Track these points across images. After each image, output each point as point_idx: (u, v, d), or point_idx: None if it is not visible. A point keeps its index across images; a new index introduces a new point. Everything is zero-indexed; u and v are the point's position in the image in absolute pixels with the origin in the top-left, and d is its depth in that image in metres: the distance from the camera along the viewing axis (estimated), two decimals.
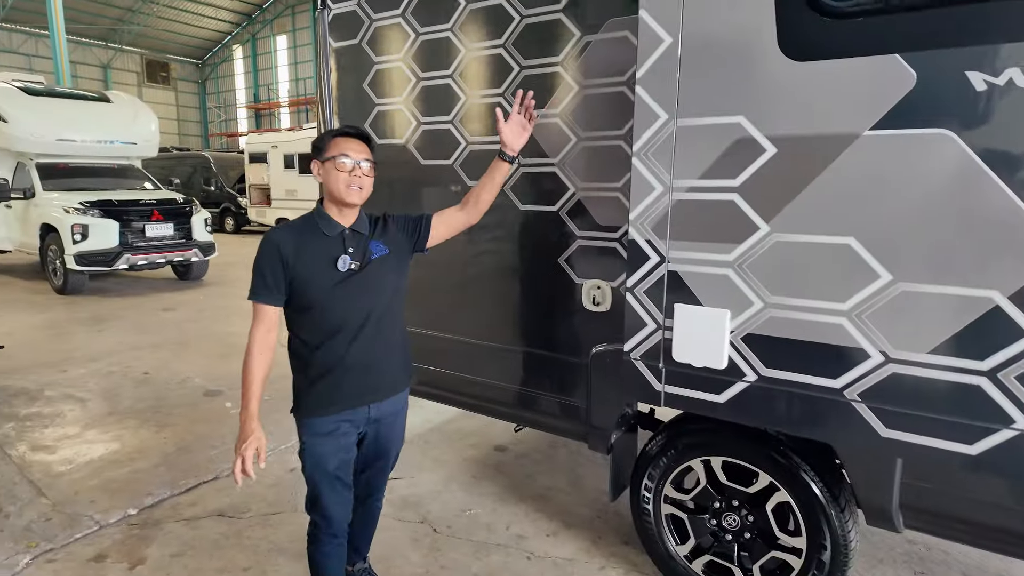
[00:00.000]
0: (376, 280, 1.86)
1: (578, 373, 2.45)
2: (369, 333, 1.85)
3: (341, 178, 1.77)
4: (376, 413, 1.93)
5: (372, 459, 2.05)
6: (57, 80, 15.80)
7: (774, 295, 1.61)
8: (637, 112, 1.73)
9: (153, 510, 3.01)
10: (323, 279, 1.79)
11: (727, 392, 1.73)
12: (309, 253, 1.79)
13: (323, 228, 1.82)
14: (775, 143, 1.55)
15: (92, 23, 33.05)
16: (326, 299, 1.79)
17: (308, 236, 1.81)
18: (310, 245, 1.80)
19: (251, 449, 1.71)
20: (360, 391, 1.88)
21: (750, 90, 1.56)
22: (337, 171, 1.77)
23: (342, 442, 1.89)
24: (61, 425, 4.00)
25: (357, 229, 1.87)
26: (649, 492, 2.36)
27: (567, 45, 2.28)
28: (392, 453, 2.09)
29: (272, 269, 1.76)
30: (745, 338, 1.68)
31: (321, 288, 1.78)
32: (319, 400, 1.86)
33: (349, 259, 1.81)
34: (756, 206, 1.59)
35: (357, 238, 1.86)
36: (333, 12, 2.95)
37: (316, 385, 1.85)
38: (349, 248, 1.82)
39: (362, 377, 1.87)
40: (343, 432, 1.88)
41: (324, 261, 1.79)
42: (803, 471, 1.99)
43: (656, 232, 1.75)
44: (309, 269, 1.78)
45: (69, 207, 8.14)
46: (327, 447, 1.87)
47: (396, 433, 2.07)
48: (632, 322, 1.84)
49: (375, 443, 2.00)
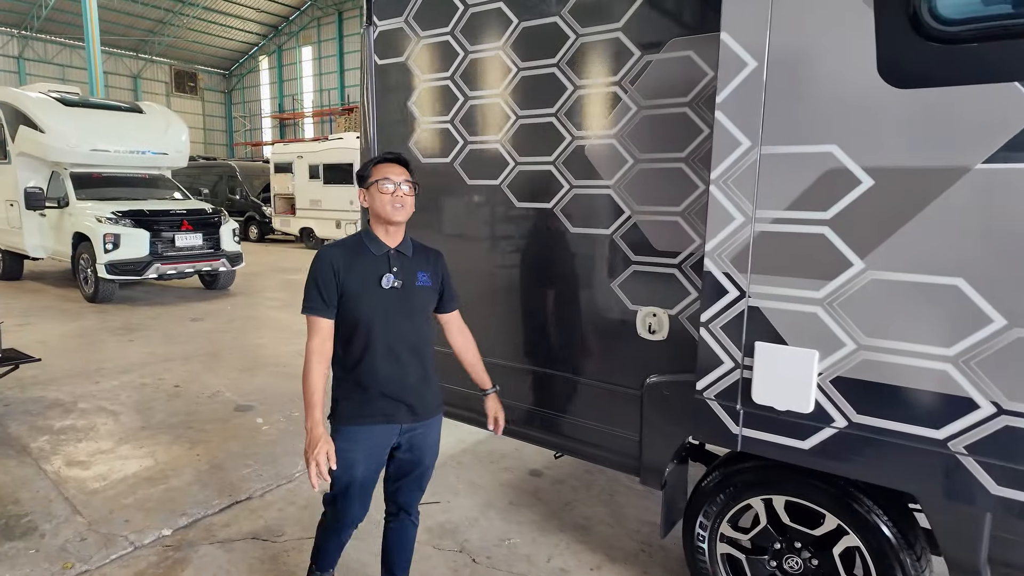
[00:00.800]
0: (417, 304, 1.98)
1: (631, 404, 2.35)
2: (406, 354, 1.95)
3: (386, 200, 1.90)
4: (407, 428, 2.01)
5: (407, 468, 2.08)
6: (91, 91, 16.13)
7: (869, 336, 1.50)
8: (716, 138, 1.65)
9: (187, 530, 2.96)
10: (368, 295, 1.90)
11: (813, 438, 1.62)
12: (357, 270, 1.91)
13: (371, 248, 1.95)
14: (872, 175, 1.45)
15: (124, 35, 33.89)
16: (370, 314, 1.90)
17: (357, 254, 1.94)
18: (358, 262, 1.92)
19: (323, 454, 1.80)
20: (396, 408, 1.96)
21: (845, 118, 1.47)
22: (381, 194, 1.91)
23: (373, 451, 1.98)
24: (95, 439, 3.98)
25: (402, 251, 1.98)
26: (704, 530, 2.25)
27: (625, 65, 2.21)
28: (425, 463, 2.10)
29: (326, 284, 1.89)
30: (835, 381, 1.58)
31: (366, 304, 1.90)
32: (355, 410, 1.95)
33: (393, 277, 1.93)
34: (850, 241, 1.49)
35: (402, 259, 1.97)
36: (379, 29, 2.92)
37: (353, 396, 1.95)
38: (394, 267, 1.94)
39: (398, 394, 1.95)
40: (375, 442, 1.97)
41: (371, 278, 1.91)
42: (876, 515, 1.87)
43: (736, 265, 1.65)
44: (357, 285, 1.90)
45: (102, 216, 8.25)
46: (358, 454, 1.95)
47: (429, 443, 2.09)
48: (706, 359, 1.75)
49: (409, 452, 2.05)
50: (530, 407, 2.69)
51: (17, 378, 4.78)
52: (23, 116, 9.04)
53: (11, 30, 31.53)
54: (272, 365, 5.71)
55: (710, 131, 2.04)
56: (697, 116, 2.06)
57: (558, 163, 2.44)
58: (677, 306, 2.19)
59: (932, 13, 1.36)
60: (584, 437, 2.55)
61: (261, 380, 5.28)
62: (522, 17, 2.45)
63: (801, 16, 1.50)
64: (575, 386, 2.54)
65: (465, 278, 2.82)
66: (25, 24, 31.31)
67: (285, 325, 7.41)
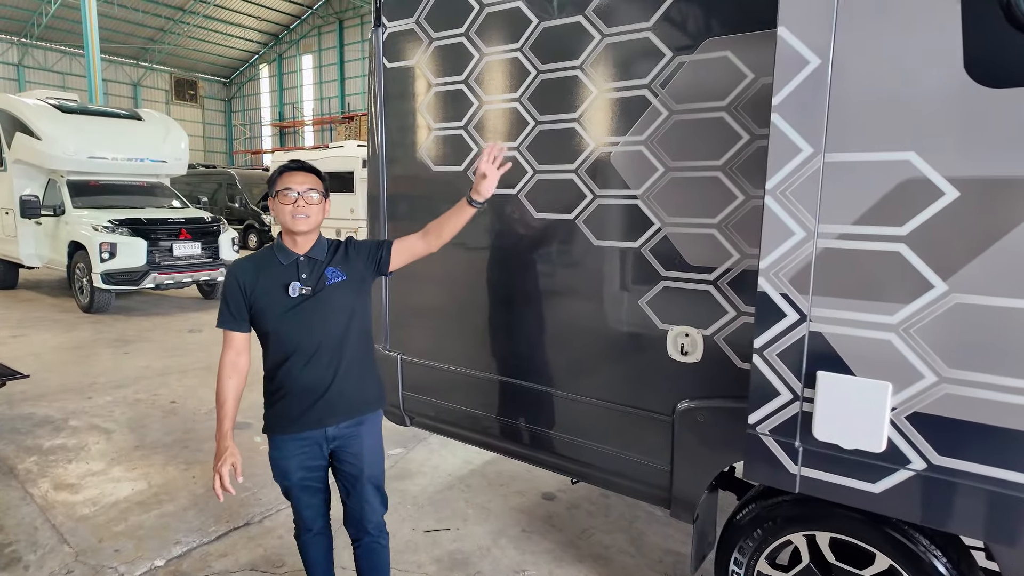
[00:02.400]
0: (330, 305, 1.94)
1: (660, 430, 2.18)
2: (324, 357, 1.94)
3: (287, 210, 1.89)
4: (334, 432, 1.99)
5: (349, 481, 2.06)
6: (90, 98, 16.01)
7: (952, 368, 1.33)
8: (773, 144, 1.49)
9: (182, 561, 2.78)
10: (277, 306, 1.90)
11: (884, 481, 1.45)
12: (264, 282, 1.92)
13: (280, 257, 1.95)
14: (957, 186, 1.29)
15: (124, 42, 33.85)
16: (279, 324, 1.91)
17: (265, 265, 1.94)
18: (266, 273, 1.93)
19: (227, 466, 1.83)
20: (317, 414, 1.95)
21: (925, 122, 1.30)
22: (282, 204, 1.90)
23: (303, 457, 1.98)
24: (86, 460, 3.80)
25: (313, 256, 1.96)
26: (740, 567, 2.08)
27: (656, 67, 2.06)
28: (366, 472, 2.05)
29: (233, 299, 1.91)
30: (911, 417, 1.41)
31: (275, 314, 1.90)
32: (278, 420, 1.97)
33: (300, 285, 1.92)
34: (930, 260, 1.33)
35: (312, 264, 1.95)
36: (388, 31, 2.77)
37: (276, 406, 1.97)
38: (302, 275, 1.93)
39: (317, 400, 1.94)
40: (302, 449, 1.97)
41: (278, 288, 1.91)
42: (934, 557, 1.70)
43: (795, 285, 1.49)
44: (264, 297, 1.90)
45: (98, 225, 8.08)
46: (289, 462, 1.98)
47: (366, 447, 2.04)
48: (760, 389, 1.57)
49: (346, 462, 2.04)
50: (546, 431, 2.52)
51: (6, 394, 4.61)
52: (19, 123, 8.89)
53: (11, 37, 31.48)
54: None
55: (750, 137, 1.89)
56: (735, 121, 1.91)
57: (580, 171, 2.28)
58: (712, 326, 2.02)
59: None
60: (606, 465, 2.37)
61: (258, 396, 5.07)
62: (542, 17, 2.30)
63: (873, 8, 1.35)
64: (597, 410, 2.37)
65: (478, 293, 2.66)
66: (25, 31, 31.26)
67: None
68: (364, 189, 17.96)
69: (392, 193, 2.90)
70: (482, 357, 2.67)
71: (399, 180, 2.88)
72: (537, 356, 2.53)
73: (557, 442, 2.49)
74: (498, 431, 2.69)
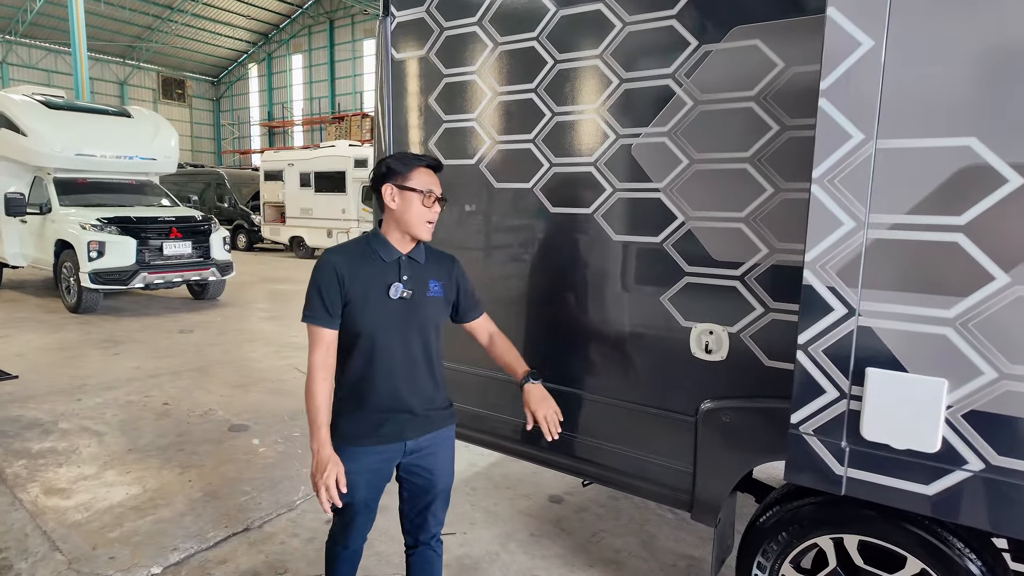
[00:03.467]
0: (426, 314, 1.81)
1: (682, 431, 2.12)
2: (410, 369, 1.80)
3: (423, 213, 1.74)
4: (413, 446, 1.85)
5: (419, 494, 1.93)
6: (76, 95, 15.75)
7: (1014, 364, 1.28)
8: (820, 130, 1.43)
9: (180, 568, 2.67)
10: (374, 306, 1.73)
11: (939, 483, 1.39)
12: (364, 278, 1.74)
13: (380, 253, 1.77)
14: (1021, 172, 1.23)
15: (111, 40, 33.41)
16: (373, 326, 1.74)
17: (364, 260, 1.76)
18: (365, 269, 1.75)
19: (331, 477, 1.65)
20: (399, 426, 1.80)
21: (987, 105, 1.25)
22: (422, 205, 1.74)
23: (374, 472, 1.83)
24: (77, 463, 3.67)
25: (414, 257, 1.81)
26: (763, 571, 2.01)
27: (681, 56, 2.00)
28: (439, 487, 1.94)
29: (329, 292, 1.71)
30: (968, 416, 1.35)
31: (370, 315, 1.73)
32: (355, 429, 1.79)
33: (402, 286, 1.76)
34: (990, 251, 1.27)
35: (413, 266, 1.81)
36: (397, 20, 2.69)
37: (353, 414, 1.80)
38: (404, 276, 1.77)
39: (400, 411, 1.80)
40: (375, 463, 1.81)
41: (378, 287, 1.74)
42: (968, 559, 1.65)
43: (843, 278, 1.43)
44: (362, 294, 1.73)
45: (86, 223, 7.90)
46: (359, 476, 1.79)
47: (440, 464, 1.92)
48: (805, 387, 1.51)
49: (420, 474, 1.90)
50: (562, 432, 2.44)
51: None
52: (4, 119, 8.71)
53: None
54: (266, 380, 5.42)
55: (780, 128, 1.84)
56: (764, 111, 1.85)
57: (599, 164, 2.22)
58: (739, 323, 1.96)
59: None
60: (625, 467, 2.30)
61: (255, 397, 4.98)
62: (561, 4, 2.24)
63: None
64: (615, 410, 2.30)
65: (491, 290, 2.58)
66: (10, 28, 30.74)
67: (276, 337, 7.10)
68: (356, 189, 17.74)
69: None
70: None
71: None
72: (552, 355, 2.46)
73: (574, 443, 2.42)
74: (509, 432, 2.62)
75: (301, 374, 5.62)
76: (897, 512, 1.63)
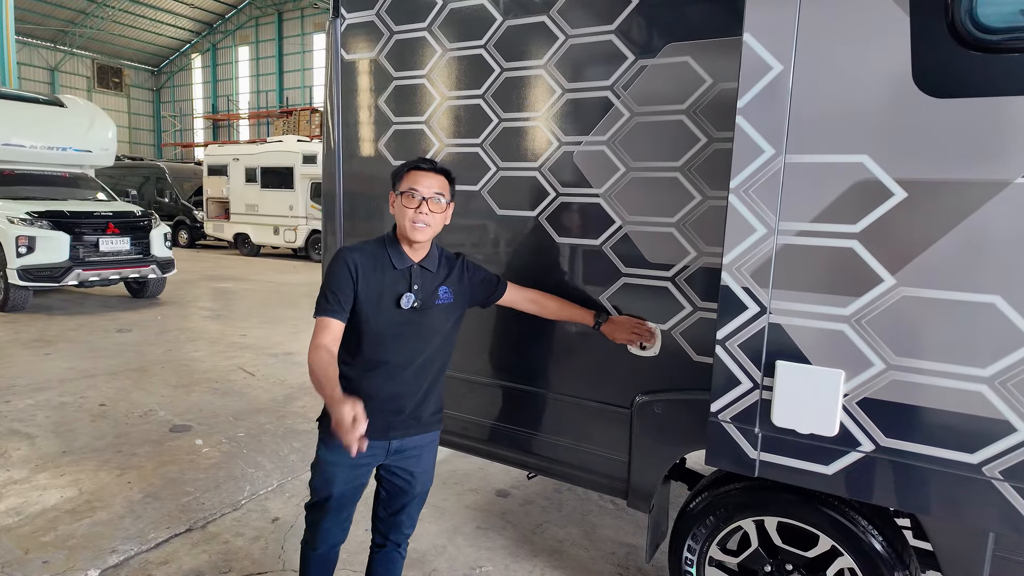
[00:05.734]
0: (433, 325, 1.85)
1: (618, 423, 2.24)
2: (410, 374, 1.83)
3: (407, 214, 1.76)
4: (397, 446, 1.89)
5: (396, 494, 1.97)
6: (2, 81, 14.88)
7: (899, 356, 1.44)
8: (737, 145, 1.57)
9: (119, 570, 2.63)
10: (384, 312, 1.77)
11: (837, 463, 1.55)
12: (376, 283, 1.77)
13: (393, 259, 1.80)
14: (905, 187, 1.39)
15: (40, 23, 31.63)
16: (379, 332, 1.78)
17: (377, 264, 1.79)
18: (377, 273, 1.78)
19: (348, 416, 1.45)
20: (386, 425, 1.83)
21: (876, 127, 1.41)
22: (404, 207, 1.76)
23: (356, 468, 1.86)
24: (6, 467, 3.53)
25: (426, 266, 1.84)
26: (693, 554, 2.16)
27: (619, 69, 2.12)
28: (417, 490, 1.98)
29: (342, 288, 1.74)
30: (861, 403, 1.51)
31: (378, 321, 1.77)
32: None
33: (413, 297, 1.80)
34: (880, 256, 1.43)
35: (425, 276, 1.84)
36: (347, 22, 2.72)
37: None
38: (415, 285, 1.81)
39: (391, 411, 1.83)
40: (360, 459, 1.80)
41: (389, 295, 1.78)
42: (871, 536, 1.83)
43: (756, 279, 1.57)
44: (372, 299, 1.76)
45: (14, 217, 7.53)
46: (340, 470, 1.84)
47: (422, 467, 1.97)
48: (722, 379, 1.65)
49: (399, 476, 1.94)
50: (505, 426, 2.54)
51: None
52: None
53: None
54: (210, 381, 5.31)
55: (707, 140, 1.98)
56: (694, 124, 1.99)
57: (544, 169, 2.32)
58: (670, 320, 2.10)
59: (973, 21, 1.33)
60: (565, 458, 2.41)
61: (198, 397, 4.88)
62: (507, 15, 2.33)
63: (832, 20, 1.44)
64: (556, 404, 2.41)
65: None
66: None
67: (221, 337, 6.95)
68: (304, 185, 17.39)
69: (349, 189, 2.85)
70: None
71: (357, 176, 2.83)
72: (496, 351, 2.55)
73: (517, 437, 2.51)
74: (458, 429, 2.69)
75: (247, 374, 5.53)
76: (809, 494, 1.80)
